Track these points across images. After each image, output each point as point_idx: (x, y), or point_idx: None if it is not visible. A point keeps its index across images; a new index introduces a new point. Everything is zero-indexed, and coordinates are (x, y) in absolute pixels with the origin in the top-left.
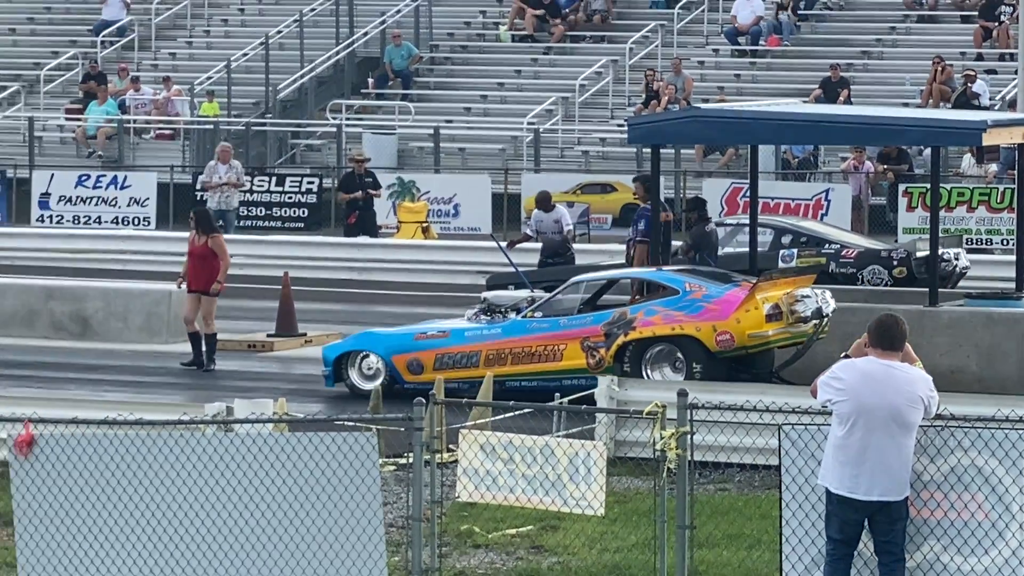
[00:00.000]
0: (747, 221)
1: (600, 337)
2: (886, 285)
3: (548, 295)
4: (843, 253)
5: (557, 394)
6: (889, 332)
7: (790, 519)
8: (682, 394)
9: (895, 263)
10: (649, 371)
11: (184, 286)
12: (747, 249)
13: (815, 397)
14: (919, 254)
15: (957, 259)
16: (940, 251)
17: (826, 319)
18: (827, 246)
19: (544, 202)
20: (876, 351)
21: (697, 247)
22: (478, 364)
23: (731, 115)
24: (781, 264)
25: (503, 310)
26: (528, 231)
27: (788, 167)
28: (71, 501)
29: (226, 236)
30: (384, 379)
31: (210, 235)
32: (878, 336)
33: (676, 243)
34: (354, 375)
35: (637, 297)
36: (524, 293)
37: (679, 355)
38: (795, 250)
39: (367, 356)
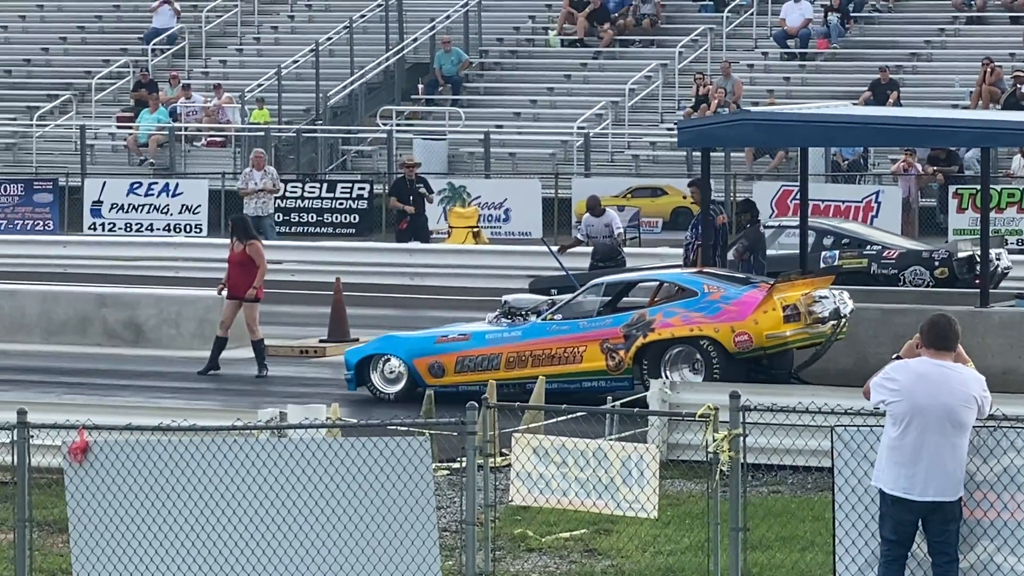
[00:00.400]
0: (790, 223)
1: (619, 339)
2: (927, 286)
3: (567, 298)
4: (885, 254)
5: (609, 397)
6: (943, 332)
7: (843, 521)
8: (735, 396)
9: (936, 264)
10: (668, 372)
11: (224, 292)
12: (791, 251)
13: (868, 399)
14: (960, 255)
15: (999, 259)
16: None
17: (844, 320)
18: (869, 247)
19: (594, 207)
20: (929, 352)
21: (752, 249)
22: (499, 367)
23: (781, 118)
24: (822, 265)
25: (523, 313)
26: (579, 236)
27: (838, 169)
28: (125, 507)
29: (265, 242)
30: (406, 382)
31: (247, 242)
32: (931, 337)
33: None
34: (376, 379)
35: (656, 299)
36: (543, 297)
37: (698, 356)
38: (837, 251)
39: (389, 360)
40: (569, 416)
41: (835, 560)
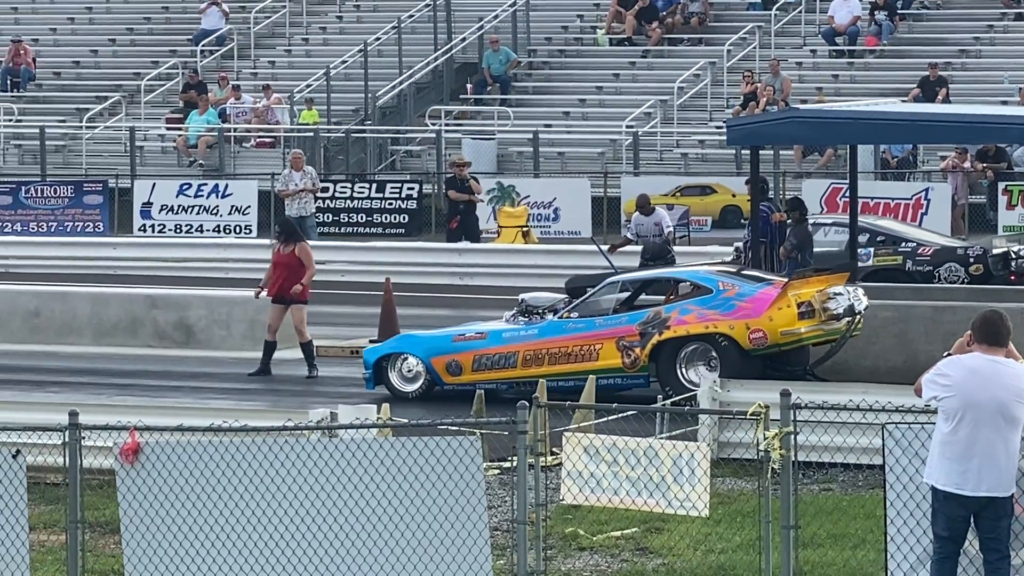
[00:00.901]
0: (829, 220)
1: (635, 337)
2: (962, 282)
3: (583, 296)
4: (920, 251)
5: (660, 396)
6: (995, 328)
7: (895, 518)
8: (785, 394)
9: (972, 260)
10: (684, 370)
11: (263, 294)
12: (832, 248)
13: (919, 396)
14: (995, 251)
15: None
16: (1018, 247)
17: (859, 316)
18: (904, 244)
19: (644, 205)
20: (981, 347)
21: (799, 247)
22: (516, 365)
23: (830, 115)
24: (859, 264)
25: (540, 311)
26: (628, 234)
27: (887, 167)
28: (177, 508)
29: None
30: (423, 381)
31: (296, 244)
32: (983, 332)
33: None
34: (394, 377)
35: (671, 296)
36: (560, 295)
37: (713, 353)
38: (872, 249)
39: (407, 358)
40: (619, 415)
41: (887, 557)
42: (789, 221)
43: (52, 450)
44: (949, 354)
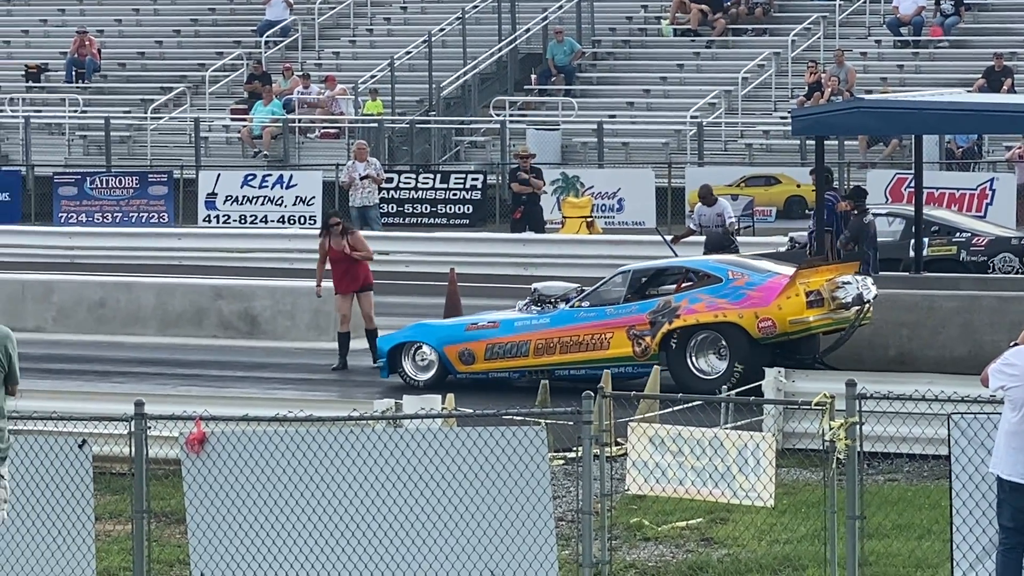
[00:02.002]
0: (884, 211)
1: (646, 325)
2: (1017, 273)
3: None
4: (974, 241)
5: (725, 386)
6: None
7: (960, 508)
8: (851, 384)
9: None
10: (694, 358)
11: (322, 289)
12: (887, 239)
13: (986, 386)
14: None
15: None
16: None
17: (868, 305)
18: (958, 234)
19: (706, 196)
20: None
21: (855, 239)
22: (527, 354)
23: (895, 105)
24: (912, 254)
25: (553, 300)
26: (691, 225)
27: (952, 157)
28: (243, 498)
29: (370, 233)
30: (437, 369)
31: (350, 233)
32: None
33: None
34: (408, 366)
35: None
36: (573, 284)
37: (723, 342)
38: (926, 239)
39: (421, 347)
40: (685, 406)
41: (952, 548)
42: (855, 212)
43: (118, 440)
44: (1016, 344)
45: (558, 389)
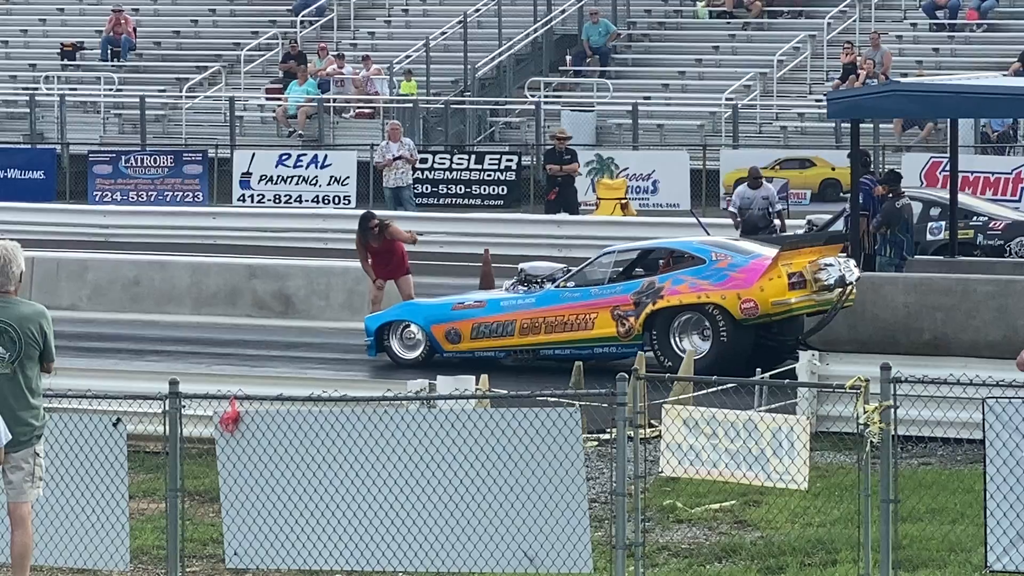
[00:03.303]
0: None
1: (630, 306)
2: None
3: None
4: (991, 225)
5: (759, 369)
6: None
7: (994, 493)
8: (885, 368)
9: None
10: (677, 339)
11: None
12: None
13: (1022, 370)
14: None
15: None
16: None
17: (850, 287)
18: (975, 218)
19: (755, 178)
20: None
21: (888, 223)
22: (513, 333)
23: (931, 89)
24: (929, 236)
25: (539, 280)
26: (731, 208)
27: (987, 141)
28: (276, 477)
29: (404, 213)
30: (424, 348)
31: (386, 230)
32: None
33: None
34: (395, 344)
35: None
36: (559, 264)
37: (706, 323)
38: (943, 223)
39: (408, 326)
40: (718, 388)
41: (986, 532)
42: (889, 195)
43: (152, 419)
44: None
45: (547, 368)
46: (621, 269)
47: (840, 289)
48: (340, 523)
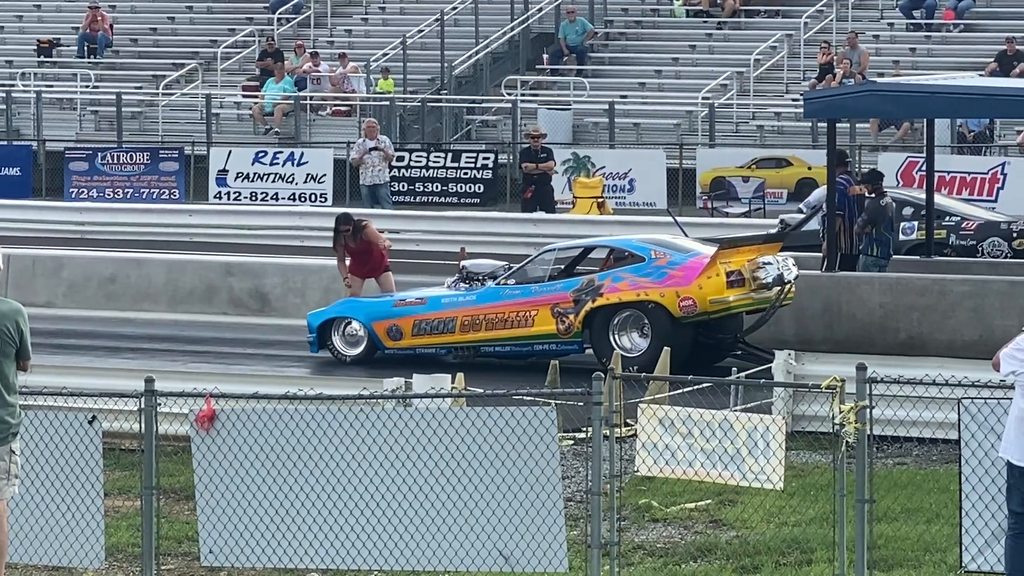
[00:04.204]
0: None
1: (569, 303)
2: (1006, 257)
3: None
4: (963, 225)
5: (734, 368)
6: None
7: (970, 493)
8: (861, 368)
9: (1015, 235)
10: (617, 337)
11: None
12: None
13: (997, 370)
14: None
15: None
16: None
17: (789, 285)
18: (947, 218)
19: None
20: None
21: (873, 221)
22: (454, 330)
23: (907, 89)
24: (902, 236)
25: (481, 278)
26: (804, 208)
27: (964, 141)
28: (252, 475)
29: (381, 211)
30: (366, 345)
31: (362, 231)
32: None
33: None
34: (338, 341)
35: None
36: (501, 262)
37: (645, 321)
38: (916, 222)
39: (350, 323)
40: (694, 387)
41: (961, 532)
42: (872, 194)
43: (128, 416)
44: None
45: (523, 367)
46: (562, 267)
47: (778, 287)
48: (315, 521)
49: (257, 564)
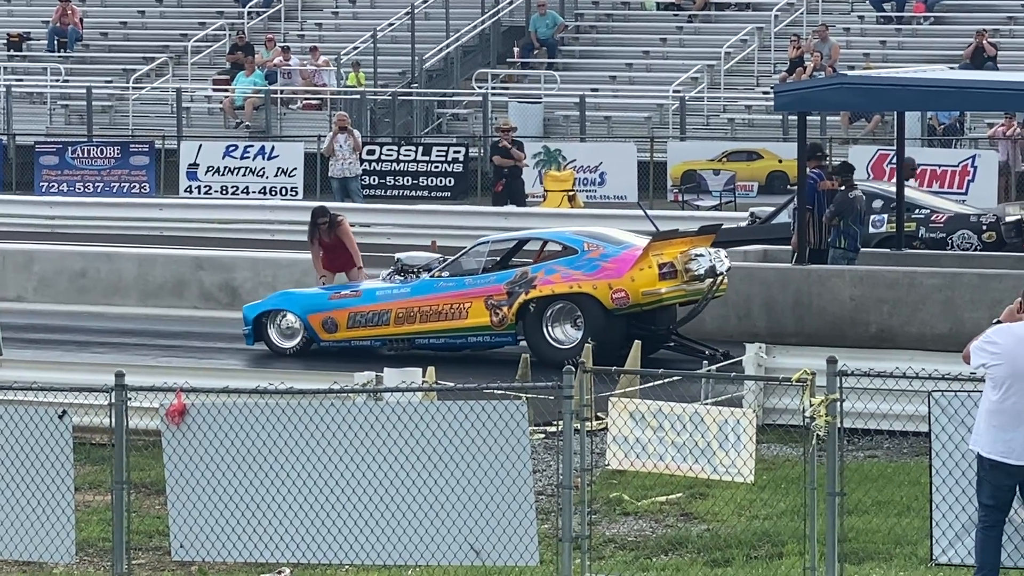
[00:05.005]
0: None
1: (503, 296)
2: (975, 249)
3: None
4: (933, 218)
5: (705, 362)
6: None
7: (940, 486)
8: (831, 361)
9: (984, 228)
10: (550, 328)
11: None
12: None
13: (968, 363)
14: (1008, 219)
15: None
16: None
17: (721, 277)
18: (917, 211)
19: (910, 170)
20: None
21: (840, 213)
22: (388, 322)
23: (878, 82)
24: (871, 229)
25: (416, 270)
26: None
27: (934, 133)
28: (223, 470)
29: (352, 205)
30: (301, 338)
31: (337, 227)
32: None
33: None
34: (273, 334)
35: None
36: (436, 254)
37: (579, 313)
38: (885, 215)
39: (285, 315)
40: (665, 380)
41: (932, 525)
42: (841, 187)
43: (98, 411)
44: (998, 321)
45: (493, 361)
46: (496, 259)
47: (711, 279)
48: (286, 516)
49: (228, 558)
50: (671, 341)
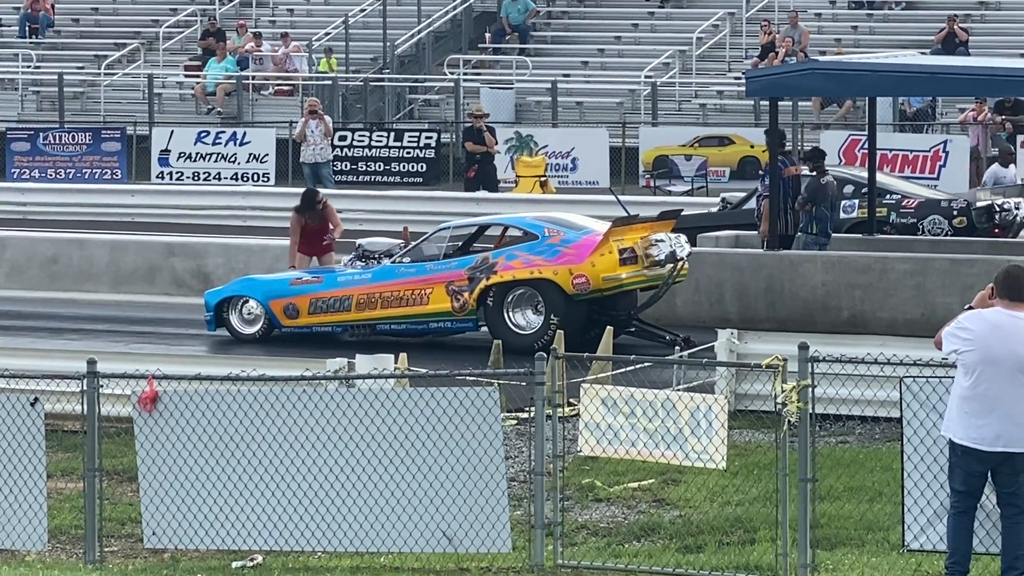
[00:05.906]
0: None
1: (464, 281)
2: (946, 235)
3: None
4: (904, 203)
5: (677, 348)
6: (1017, 283)
7: (912, 471)
8: (803, 347)
9: (955, 213)
10: (511, 314)
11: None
12: None
13: (939, 349)
14: (979, 204)
15: (1018, 208)
16: (1002, 201)
17: (681, 262)
18: (888, 196)
19: (1007, 154)
20: (1003, 302)
21: (813, 200)
22: (350, 308)
23: (849, 67)
24: (843, 215)
25: (377, 256)
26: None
27: (905, 119)
28: (195, 457)
29: (323, 190)
30: (263, 323)
31: (324, 209)
32: (1006, 287)
33: None
34: (235, 320)
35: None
36: (396, 240)
37: (540, 298)
38: (856, 200)
39: (247, 301)
40: (636, 367)
41: (903, 511)
42: (813, 172)
43: (70, 398)
44: (970, 307)
45: (465, 347)
46: (457, 245)
47: (671, 265)
48: (259, 503)
49: (201, 545)
50: (632, 327)
